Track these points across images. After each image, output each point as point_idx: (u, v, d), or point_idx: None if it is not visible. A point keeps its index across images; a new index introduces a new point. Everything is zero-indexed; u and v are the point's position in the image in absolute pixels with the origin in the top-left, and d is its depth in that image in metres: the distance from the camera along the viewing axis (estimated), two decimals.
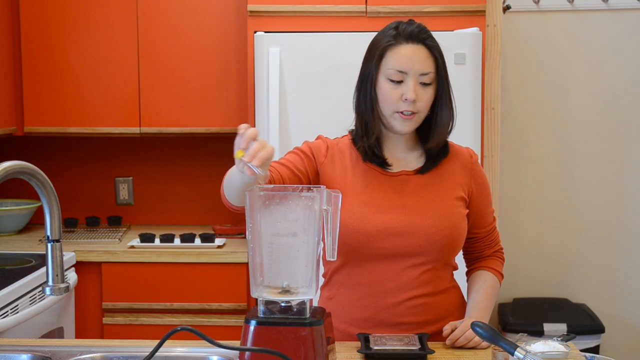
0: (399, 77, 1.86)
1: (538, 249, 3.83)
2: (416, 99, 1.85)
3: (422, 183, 1.93)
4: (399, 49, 1.87)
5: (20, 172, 1.54)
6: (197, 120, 3.42)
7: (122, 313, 3.17)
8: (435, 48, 1.89)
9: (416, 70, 1.85)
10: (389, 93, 1.87)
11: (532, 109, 3.79)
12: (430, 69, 1.87)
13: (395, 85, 1.86)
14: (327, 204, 1.60)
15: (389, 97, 1.87)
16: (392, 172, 1.93)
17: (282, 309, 1.56)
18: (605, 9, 3.72)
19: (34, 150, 3.73)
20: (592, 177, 3.80)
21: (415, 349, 1.73)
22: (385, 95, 1.87)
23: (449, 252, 1.93)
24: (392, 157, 1.96)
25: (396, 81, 1.86)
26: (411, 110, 1.86)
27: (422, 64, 1.86)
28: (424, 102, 1.87)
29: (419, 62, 1.86)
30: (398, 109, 1.86)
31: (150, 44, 3.40)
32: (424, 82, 1.86)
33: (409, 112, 1.86)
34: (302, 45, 3.03)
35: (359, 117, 1.95)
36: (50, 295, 1.62)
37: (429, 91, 1.88)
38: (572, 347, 1.74)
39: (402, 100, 1.85)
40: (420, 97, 1.86)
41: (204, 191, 3.73)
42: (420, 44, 1.87)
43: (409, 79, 1.85)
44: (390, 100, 1.87)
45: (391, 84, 1.86)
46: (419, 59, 1.86)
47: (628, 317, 3.83)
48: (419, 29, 1.89)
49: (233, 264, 3.14)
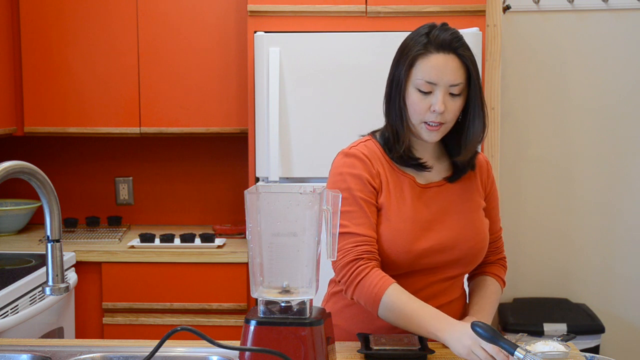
0: (428, 88, 1.81)
1: (538, 248, 3.83)
2: (444, 111, 1.82)
3: (452, 194, 1.92)
4: (429, 58, 1.81)
5: (20, 172, 1.54)
6: (197, 120, 3.42)
7: (122, 313, 3.17)
8: (467, 57, 1.83)
9: (446, 81, 1.80)
10: (417, 103, 1.83)
11: (532, 109, 3.79)
12: (460, 79, 1.82)
13: (424, 96, 1.82)
14: (327, 204, 1.60)
15: (417, 107, 1.83)
16: (422, 185, 1.91)
17: (282, 309, 1.56)
18: (605, 9, 3.72)
19: (34, 150, 3.73)
20: (592, 177, 3.79)
21: (415, 349, 1.73)
22: (413, 105, 1.84)
23: (479, 261, 1.97)
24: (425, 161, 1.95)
25: (425, 92, 1.82)
26: (438, 122, 1.83)
27: (452, 75, 1.80)
28: (452, 113, 1.83)
29: (449, 74, 1.80)
30: (425, 119, 1.83)
31: (150, 44, 3.40)
32: (454, 92, 1.82)
33: (436, 124, 1.83)
34: (302, 45, 3.03)
35: (390, 125, 1.90)
36: (50, 295, 1.62)
37: (457, 102, 1.84)
38: (572, 347, 1.74)
39: (430, 111, 1.82)
40: (448, 108, 1.82)
41: (204, 191, 3.74)
42: (452, 53, 1.81)
43: (438, 90, 1.81)
44: (418, 110, 1.83)
45: (420, 94, 1.82)
46: (449, 70, 1.80)
47: (628, 317, 3.83)
48: (452, 37, 1.82)
49: (233, 264, 3.14)
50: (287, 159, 3.03)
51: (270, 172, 2.99)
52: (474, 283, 2.05)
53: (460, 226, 1.90)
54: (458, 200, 1.92)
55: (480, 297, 1.99)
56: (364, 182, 1.86)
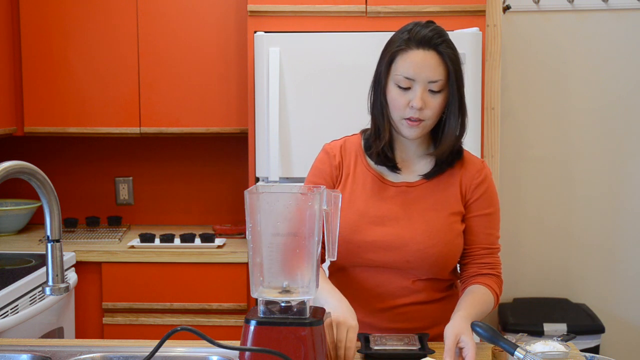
0: (406, 83, 1.82)
1: (538, 249, 3.83)
2: (423, 107, 1.81)
3: (422, 195, 1.90)
4: (408, 54, 1.82)
5: (20, 172, 1.54)
6: (197, 120, 3.42)
7: (122, 313, 3.17)
8: (448, 55, 1.82)
9: (424, 78, 1.81)
10: (396, 99, 1.84)
11: (532, 109, 3.79)
12: (439, 76, 1.81)
13: (403, 92, 1.83)
14: (327, 204, 1.60)
15: (396, 102, 1.84)
16: (392, 182, 1.92)
17: (282, 309, 1.56)
18: (605, 9, 3.72)
19: (34, 150, 3.73)
20: (592, 177, 3.80)
21: (415, 349, 1.73)
22: (393, 101, 1.85)
23: (439, 269, 1.91)
24: (403, 160, 1.94)
25: (404, 87, 1.83)
26: (418, 118, 1.83)
27: (431, 71, 1.81)
28: (431, 109, 1.83)
29: (427, 70, 1.80)
30: (405, 115, 1.83)
31: (150, 44, 3.40)
32: (433, 89, 1.82)
33: (416, 119, 1.83)
34: (302, 45, 3.03)
35: (372, 120, 1.93)
36: (50, 295, 1.62)
37: (438, 98, 1.83)
38: (572, 347, 1.74)
39: (409, 107, 1.82)
40: (427, 104, 1.82)
41: (204, 191, 3.74)
42: (432, 50, 1.81)
43: (416, 86, 1.81)
44: (398, 106, 1.84)
45: (399, 90, 1.83)
46: (428, 66, 1.80)
47: (628, 317, 3.83)
48: (433, 33, 1.82)
49: (233, 264, 3.14)
50: (287, 159, 3.03)
51: (270, 172, 2.99)
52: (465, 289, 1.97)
53: (415, 227, 1.87)
54: (426, 201, 1.90)
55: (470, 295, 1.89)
56: (321, 174, 1.95)
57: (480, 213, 1.94)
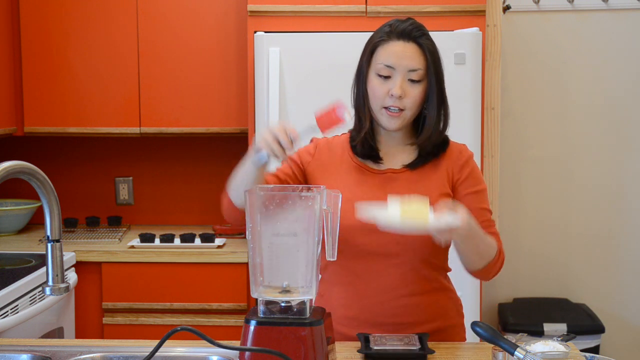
0: (387, 72, 1.86)
1: (538, 249, 3.83)
2: (403, 96, 1.85)
3: (408, 181, 1.91)
4: (389, 44, 1.87)
5: (20, 172, 1.54)
6: (197, 120, 3.42)
7: (122, 313, 3.17)
8: (427, 46, 1.88)
9: (404, 66, 1.85)
10: (376, 88, 1.88)
11: (532, 109, 3.79)
12: (419, 65, 1.86)
13: (384, 81, 1.87)
14: (327, 204, 1.61)
15: (376, 91, 1.88)
16: (378, 170, 1.93)
17: (282, 309, 1.56)
18: (605, 9, 3.72)
19: (34, 150, 3.73)
20: (592, 176, 3.80)
21: (415, 349, 1.73)
22: (373, 90, 1.88)
23: (428, 250, 1.90)
24: (386, 152, 1.95)
25: (384, 76, 1.86)
26: (397, 107, 1.85)
27: (410, 60, 1.85)
28: (411, 99, 1.86)
29: (407, 59, 1.85)
30: (385, 104, 1.86)
31: (150, 44, 3.40)
32: (413, 78, 1.86)
33: (396, 109, 1.86)
34: (302, 45, 3.03)
35: (355, 112, 1.96)
36: (50, 295, 1.62)
37: (417, 88, 1.87)
38: (572, 347, 1.74)
39: (388, 96, 1.85)
40: (407, 93, 1.85)
41: (204, 191, 3.73)
42: (412, 41, 1.87)
43: (396, 75, 1.86)
44: (378, 95, 1.87)
45: (379, 79, 1.87)
46: (408, 55, 1.85)
47: (628, 317, 3.83)
48: (413, 26, 1.89)
49: (233, 264, 3.14)
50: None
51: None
52: None
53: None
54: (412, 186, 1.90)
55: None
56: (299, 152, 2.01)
57: (469, 191, 1.94)
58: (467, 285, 3.00)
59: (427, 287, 1.93)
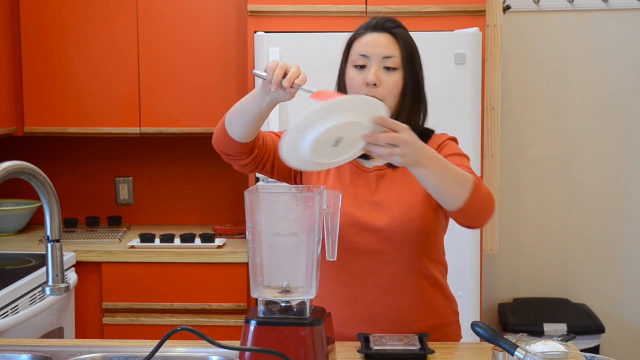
0: (362, 61, 1.87)
1: (538, 249, 3.83)
2: (378, 84, 1.85)
3: (395, 178, 1.91)
4: (364, 37, 1.91)
5: (20, 172, 1.54)
6: (197, 120, 3.42)
7: (122, 313, 3.17)
8: (400, 36, 1.89)
9: (379, 54, 1.86)
10: (353, 78, 1.89)
11: (532, 109, 3.79)
12: (393, 52, 1.87)
13: (360, 71, 1.88)
14: (327, 204, 1.60)
15: (353, 82, 1.88)
16: (366, 168, 1.93)
17: (282, 309, 1.56)
18: (605, 9, 3.72)
19: (34, 150, 3.73)
20: (592, 177, 3.80)
21: (415, 349, 1.73)
22: (350, 81, 1.89)
23: (420, 245, 1.89)
24: None
25: (360, 66, 1.88)
26: (374, 96, 1.82)
27: (384, 48, 1.87)
28: (387, 87, 1.86)
29: (381, 46, 1.87)
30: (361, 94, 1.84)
31: (150, 44, 3.40)
32: (388, 65, 1.87)
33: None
34: (302, 45, 3.03)
35: None
36: (50, 295, 1.62)
37: (393, 76, 1.87)
38: (572, 347, 1.74)
39: (365, 86, 1.86)
40: (383, 82, 1.85)
41: (204, 191, 3.73)
42: (385, 32, 1.89)
43: (371, 63, 1.87)
44: (355, 85, 1.88)
45: (355, 69, 1.89)
46: (382, 44, 1.87)
47: (628, 317, 3.83)
48: (386, 19, 1.92)
49: (233, 264, 3.14)
50: None
51: None
52: None
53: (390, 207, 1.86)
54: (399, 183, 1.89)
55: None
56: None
57: (448, 153, 1.89)
58: (467, 285, 3.01)
59: (423, 285, 1.92)
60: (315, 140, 1.55)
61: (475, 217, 1.77)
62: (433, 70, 3.02)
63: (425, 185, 1.70)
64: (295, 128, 1.56)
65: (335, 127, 1.55)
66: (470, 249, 3.02)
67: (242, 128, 1.84)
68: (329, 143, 1.59)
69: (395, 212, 1.87)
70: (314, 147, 1.57)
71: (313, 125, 1.54)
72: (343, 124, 1.55)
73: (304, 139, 1.56)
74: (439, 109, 3.02)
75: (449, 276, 2.03)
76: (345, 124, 1.56)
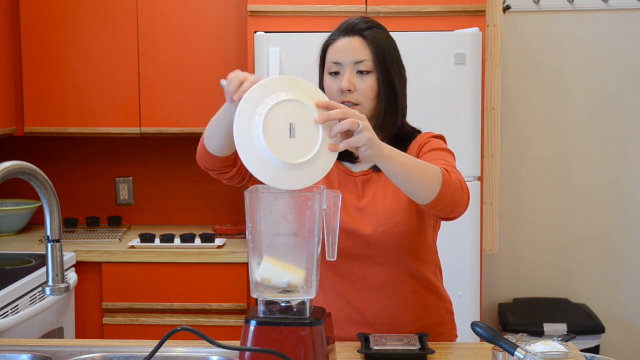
0: (335, 68, 1.87)
1: (538, 249, 3.83)
2: (352, 89, 1.84)
3: (379, 182, 1.90)
4: (335, 43, 1.89)
5: (20, 172, 1.54)
6: (197, 120, 3.41)
7: (122, 313, 3.17)
8: (371, 38, 1.86)
9: (350, 59, 1.86)
10: (329, 86, 1.88)
11: (532, 109, 3.79)
12: (365, 57, 1.85)
13: (334, 78, 1.88)
14: (327, 204, 1.60)
15: (329, 90, 1.88)
16: (353, 173, 1.92)
17: (282, 309, 1.56)
18: (605, 9, 3.72)
19: (34, 150, 3.73)
20: (592, 177, 3.80)
21: (415, 349, 1.73)
22: (327, 89, 1.89)
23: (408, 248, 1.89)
24: None
25: (334, 73, 1.87)
26: (351, 102, 1.84)
27: (355, 52, 1.86)
28: (362, 92, 1.85)
29: (351, 51, 1.86)
30: (338, 101, 1.81)
31: (150, 44, 3.40)
32: (361, 69, 1.85)
33: (350, 104, 1.83)
34: (302, 45, 3.02)
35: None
36: (50, 295, 1.62)
37: (367, 80, 1.86)
38: (572, 347, 1.74)
39: (340, 93, 1.85)
40: (357, 87, 1.85)
41: (204, 191, 3.73)
42: (356, 35, 1.88)
43: (344, 69, 1.86)
44: (331, 93, 1.86)
45: (330, 77, 1.89)
46: (352, 49, 1.86)
47: (628, 317, 3.83)
48: (359, 21, 1.90)
49: (233, 264, 3.14)
50: None
51: None
52: None
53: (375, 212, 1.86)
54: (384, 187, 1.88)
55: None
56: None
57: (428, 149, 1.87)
58: (467, 285, 3.01)
59: (414, 286, 1.92)
60: (264, 126, 1.50)
61: (449, 209, 1.73)
62: (433, 70, 3.05)
63: (394, 179, 1.67)
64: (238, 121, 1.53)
65: (277, 107, 1.52)
66: (470, 249, 3.02)
67: (219, 142, 1.83)
68: (283, 133, 1.52)
69: (379, 218, 1.86)
70: (268, 138, 1.50)
71: (254, 110, 1.53)
72: (284, 103, 1.53)
73: (253, 130, 1.51)
74: (439, 109, 3.04)
75: (449, 276, 2.03)
76: (286, 103, 1.53)
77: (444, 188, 1.68)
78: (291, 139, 1.53)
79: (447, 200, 1.70)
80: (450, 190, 1.69)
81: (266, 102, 1.53)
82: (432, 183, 1.66)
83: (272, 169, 1.52)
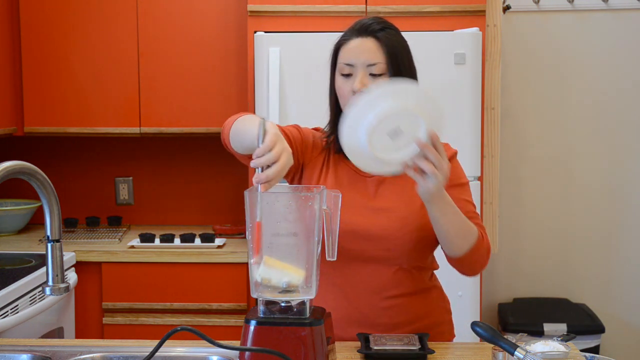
0: (348, 70, 1.87)
1: (538, 249, 3.83)
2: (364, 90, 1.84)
3: (395, 184, 1.90)
4: (348, 43, 1.88)
5: (20, 172, 1.54)
6: (197, 120, 3.42)
7: (122, 313, 3.17)
8: (384, 40, 1.85)
9: (363, 61, 1.85)
10: (341, 87, 1.89)
11: (532, 109, 3.79)
12: (378, 59, 1.84)
13: (346, 79, 1.87)
14: (327, 204, 1.60)
15: (341, 91, 1.88)
16: (365, 174, 1.91)
17: (282, 309, 1.56)
18: (605, 9, 3.72)
19: (34, 150, 3.73)
20: (591, 176, 3.80)
21: (415, 349, 1.73)
22: (339, 90, 1.89)
23: (419, 254, 1.90)
24: None
25: (346, 75, 1.87)
26: None
27: (368, 54, 1.84)
28: None
29: (365, 53, 1.85)
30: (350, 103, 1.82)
31: (150, 43, 3.40)
32: (373, 72, 1.85)
33: None
34: (302, 45, 3.03)
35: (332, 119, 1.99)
36: (50, 295, 1.62)
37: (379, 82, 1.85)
38: (572, 347, 1.74)
39: (352, 94, 1.85)
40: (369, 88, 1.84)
41: (204, 191, 3.74)
42: (370, 36, 1.86)
43: (356, 71, 1.86)
44: (343, 94, 1.88)
45: (342, 78, 1.88)
46: (365, 50, 1.85)
47: (628, 317, 3.83)
48: (372, 21, 1.88)
49: (233, 264, 3.14)
50: None
51: None
52: None
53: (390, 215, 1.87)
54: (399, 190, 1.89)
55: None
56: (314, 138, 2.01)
57: (452, 184, 1.88)
58: (467, 285, 3.01)
59: (415, 288, 1.93)
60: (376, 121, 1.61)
61: (470, 269, 1.88)
62: (433, 70, 3.05)
63: (434, 224, 1.78)
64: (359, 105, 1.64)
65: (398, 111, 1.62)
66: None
67: (242, 149, 1.86)
68: (386, 130, 1.63)
69: (393, 221, 1.87)
70: (373, 130, 1.62)
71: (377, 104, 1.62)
72: (405, 111, 1.63)
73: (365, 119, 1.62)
74: None
75: (449, 276, 2.03)
76: (407, 111, 1.63)
77: (473, 252, 1.81)
78: (390, 138, 1.65)
79: (470, 263, 1.84)
80: (475, 256, 1.82)
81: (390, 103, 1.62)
82: (464, 245, 1.80)
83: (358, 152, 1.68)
